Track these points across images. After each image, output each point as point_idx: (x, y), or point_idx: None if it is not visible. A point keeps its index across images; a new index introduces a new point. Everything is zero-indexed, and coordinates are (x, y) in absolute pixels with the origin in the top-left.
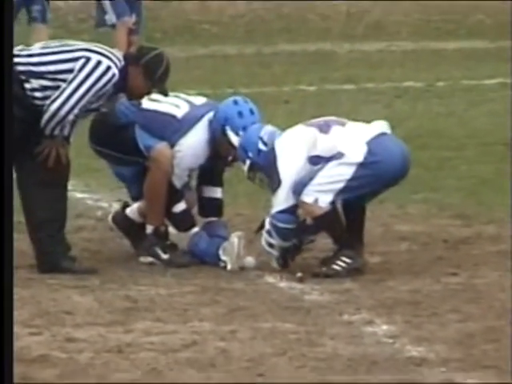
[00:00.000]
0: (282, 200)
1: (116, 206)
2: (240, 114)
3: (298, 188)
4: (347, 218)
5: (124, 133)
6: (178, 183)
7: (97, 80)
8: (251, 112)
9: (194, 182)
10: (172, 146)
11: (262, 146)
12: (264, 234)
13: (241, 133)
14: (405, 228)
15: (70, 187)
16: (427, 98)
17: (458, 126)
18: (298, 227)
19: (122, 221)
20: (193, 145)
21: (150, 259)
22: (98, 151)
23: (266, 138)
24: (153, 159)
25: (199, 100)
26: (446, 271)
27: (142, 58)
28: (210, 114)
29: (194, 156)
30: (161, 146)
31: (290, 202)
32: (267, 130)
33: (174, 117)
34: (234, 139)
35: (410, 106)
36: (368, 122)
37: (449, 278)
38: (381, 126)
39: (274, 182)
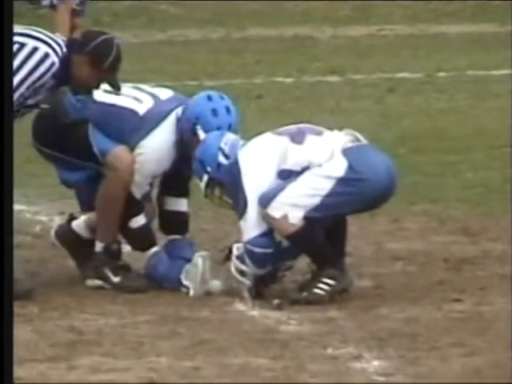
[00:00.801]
0: (253, 223)
1: (58, 220)
2: (214, 111)
3: (264, 200)
4: (325, 230)
5: (75, 131)
6: (137, 193)
7: (32, 69)
8: (227, 110)
9: (154, 192)
10: (132, 148)
11: (222, 159)
12: (234, 261)
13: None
14: (400, 246)
15: None
16: (425, 91)
17: (462, 125)
18: (275, 251)
19: (66, 236)
20: (157, 147)
21: (98, 282)
22: (42, 152)
23: (227, 150)
24: (109, 165)
25: (165, 93)
26: (447, 297)
27: (87, 45)
28: (178, 111)
29: (157, 161)
30: (119, 150)
31: (264, 225)
32: (228, 139)
33: (135, 113)
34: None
35: (406, 101)
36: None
37: (451, 304)
38: (358, 137)
39: (238, 202)
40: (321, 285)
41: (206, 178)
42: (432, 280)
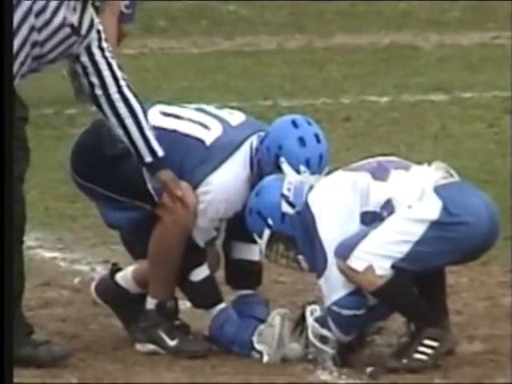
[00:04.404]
0: (338, 281)
1: (101, 270)
2: (301, 140)
3: (343, 250)
4: (418, 283)
5: (124, 164)
6: (200, 240)
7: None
8: (317, 139)
9: (220, 236)
10: (196, 185)
11: (286, 208)
12: (313, 324)
13: (302, 168)
14: None
15: (32, 242)
16: None
17: None
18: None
19: (110, 291)
20: (227, 184)
21: (150, 347)
22: (82, 187)
23: (291, 196)
24: (165, 206)
25: (236, 117)
26: None
27: None
28: (254, 140)
29: (227, 201)
30: None
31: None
32: (291, 182)
33: (200, 142)
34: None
35: None
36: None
37: None
38: (451, 172)
39: (314, 257)
40: (422, 348)
41: (267, 233)
42: None
